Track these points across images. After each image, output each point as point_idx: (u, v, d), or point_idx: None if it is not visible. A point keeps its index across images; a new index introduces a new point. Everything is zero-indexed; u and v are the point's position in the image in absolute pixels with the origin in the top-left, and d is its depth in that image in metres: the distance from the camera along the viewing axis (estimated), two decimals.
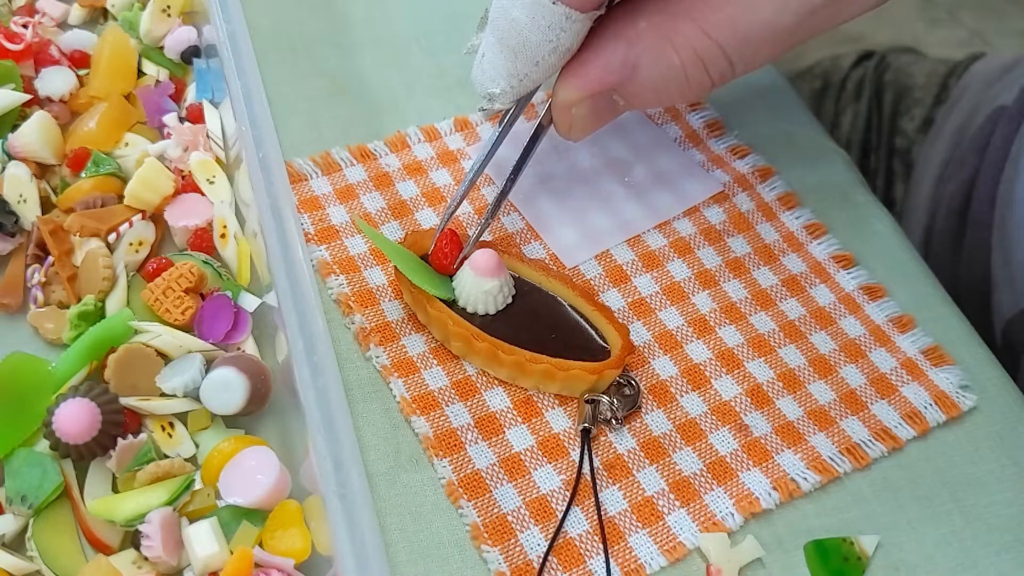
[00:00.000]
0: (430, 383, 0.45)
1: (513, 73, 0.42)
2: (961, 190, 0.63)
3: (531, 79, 0.42)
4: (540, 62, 0.41)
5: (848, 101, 0.77)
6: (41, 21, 0.56)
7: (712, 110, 0.58)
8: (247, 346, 0.45)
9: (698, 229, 0.52)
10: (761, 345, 0.48)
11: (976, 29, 1.59)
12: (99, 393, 0.41)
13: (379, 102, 0.57)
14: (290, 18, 0.60)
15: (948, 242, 0.64)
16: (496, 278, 0.45)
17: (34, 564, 0.39)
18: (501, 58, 0.42)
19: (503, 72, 0.42)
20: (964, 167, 0.64)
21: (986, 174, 0.61)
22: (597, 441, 0.44)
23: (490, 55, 0.42)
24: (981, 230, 0.60)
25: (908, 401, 0.47)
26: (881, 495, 0.44)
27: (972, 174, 0.63)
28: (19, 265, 0.47)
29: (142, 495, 0.39)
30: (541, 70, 0.42)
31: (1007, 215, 0.58)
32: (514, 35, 0.41)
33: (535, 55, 0.41)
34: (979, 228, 0.61)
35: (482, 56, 0.43)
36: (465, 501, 0.42)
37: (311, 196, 0.51)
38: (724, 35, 0.41)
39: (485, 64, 0.43)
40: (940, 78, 0.73)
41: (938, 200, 0.66)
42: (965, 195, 0.63)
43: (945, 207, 0.65)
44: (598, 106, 0.44)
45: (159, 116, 0.52)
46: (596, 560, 0.41)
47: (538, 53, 0.41)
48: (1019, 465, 0.45)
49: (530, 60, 0.41)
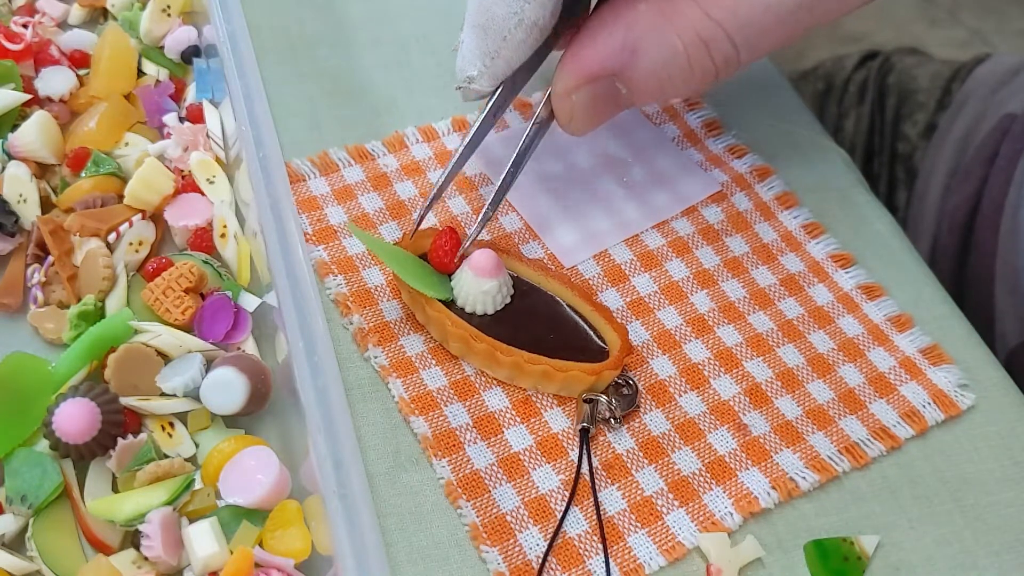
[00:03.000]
0: (429, 383, 0.45)
1: (485, 51, 0.42)
2: (965, 204, 0.63)
3: (503, 57, 0.42)
4: (508, 37, 0.41)
5: (851, 104, 0.77)
6: (41, 21, 0.56)
7: (710, 109, 0.58)
8: (247, 346, 0.45)
9: (696, 229, 0.52)
10: (759, 344, 0.48)
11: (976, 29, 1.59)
12: (99, 393, 0.41)
13: (379, 102, 0.57)
14: (290, 18, 0.60)
15: (952, 258, 0.64)
16: (495, 278, 0.45)
17: (34, 564, 0.39)
18: (473, 38, 0.42)
19: (477, 52, 0.42)
20: (969, 179, 0.63)
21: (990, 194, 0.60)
22: (596, 441, 0.44)
23: (466, 40, 0.43)
24: (984, 257, 0.60)
25: (907, 400, 0.47)
26: (880, 495, 0.44)
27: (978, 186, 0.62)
28: (19, 265, 0.47)
29: (142, 495, 0.39)
30: (510, 46, 0.41)
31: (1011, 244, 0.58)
32: (482, 12, 0.41)
33: (502, 29, 0.41)
34: (982, 255, 0.60)
35: (461, 43, 0.43)
36: (464, 501, 0.42)
37: (309, 196, 0.51)
38: (727, 17, 0.40)
39: (463, 49, 0.43)
40: (943, 81, 0.72)
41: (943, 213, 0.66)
42: (969, 210, 0.63)
43: (948, 221, 0.64)
44: (598, 95, 0.43)
45: (159, 116, 0.52)
46: (595, 560, 0.41)
47: (504, 27, 0.41)
48: (1019, 465, 0.45)
49: (498, 35, 0.41)
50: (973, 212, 0.62)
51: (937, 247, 0.66)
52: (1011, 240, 0.58)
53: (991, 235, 0.60)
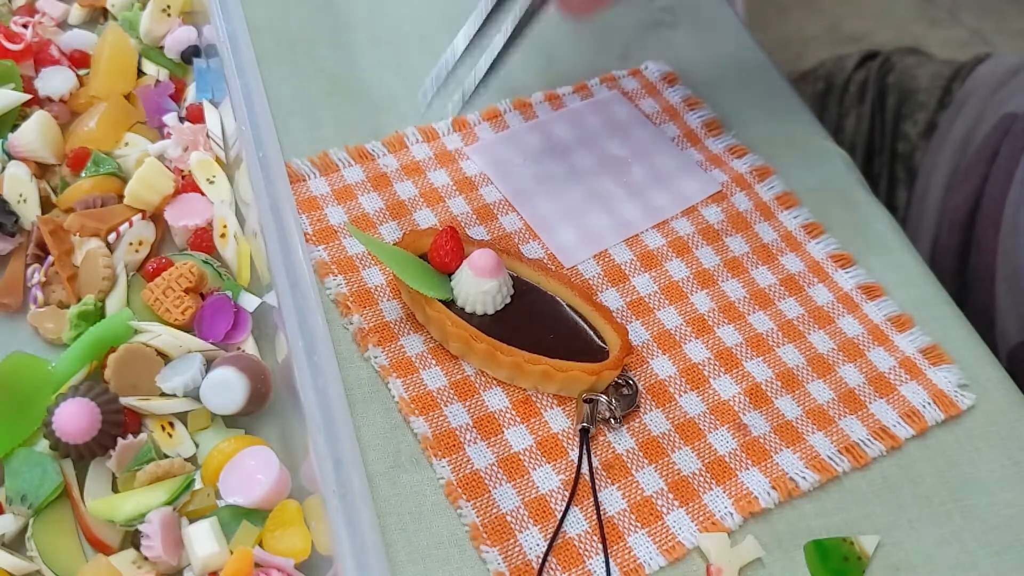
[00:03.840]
0: (429, 383, 0.45)
1: None
2: (966, 203, 0.63)
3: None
4: None
5: (851, 104, 0.77)
6: (41, 21, 0.56)
7: (710, 109, 0.58)
8: (247, 346, 0.45)
9: (696, 229, 0.52)
10: (759, 344, 0.48)
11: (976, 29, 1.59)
12: (99, 393, 0.41)
13: (379, 102, 0.57)
14: (290, 18, 0.60)
15: (953, 257, 0.64)
16: (495, 278, 0.45)
17: (34, 564, 0.39)
18: None
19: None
20: (970, 179, 0.63)
21: (991, 193, 0.60)
22: (596, 441, 0.44)
23: None
24: (985, 255, 0.60)
25: (907, 400, 0.47)
26: (881, 495, 0.44)
27: (978, 185, 0.62)
28: (19, 265, 0.47)
29: (142, 495, 0.39)
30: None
31: (1012, 242, 0.58)
32: None
33: None
34: (983, 253, 0.60)
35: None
36: (464, 501, 0.42)
37: (309, 196, 0.51)
38: None
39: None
40: (944, 81, 0.72)
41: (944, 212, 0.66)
42: (970, 209, 0.63)
43: (949, 220, 0.64)
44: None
45: (159, 116, 0.52)
46: (595, 560, 0.41)
47: None
48: (1019, 465, 0.45)
49: None
50: (974, 211, 0.62)
51: (938, 246, 0.66)
52: (1012, 238, 0.58)
53: (992, 233, 0.60)
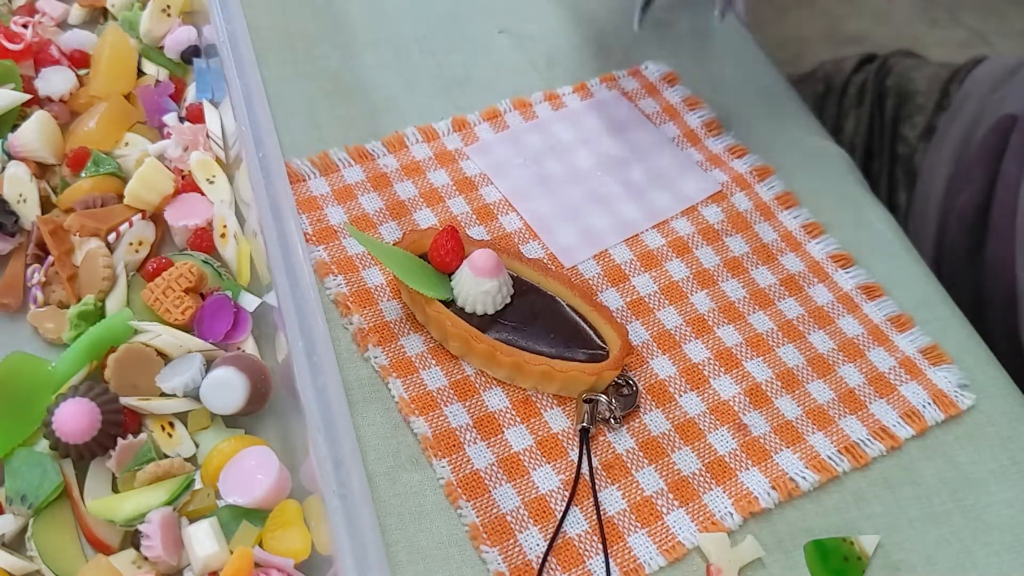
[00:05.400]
0: (429, 383, 0.45)
1: None
2: (972, 202, 0.63)
3: None
4: None
5: (850, 106, 0.77)
6: (41, 21, 0.56)
7: (710, 109, 0.58)
8: (247, 346, 0.45)
9: (696, 229, 0.52)
10: (759, 344, 0.48)
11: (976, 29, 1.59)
12: (99, 393, 0.41)
13: (379, 102, 0.57)
14: (290, 18, 0.60)
15: (963, 255, 0.64)
16: (495, 278, 0.45)
17: (34, 564, 0.39)
18: None
19: None
20: (973, 178, 0.63)
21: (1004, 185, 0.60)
22: (596, 441, 0.44)
23: None
24: (1003, 242, 0.60)
25: (907, 400, 0.47)
26: (881, 495, 0.44)
27: (985, 185, 0.62)
28: (19, 265, 0.47)
29: (142, 495, 0.39)
30: None
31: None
32: None
33: None
34: (1002, 241, 0.60)
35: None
36: (464, 501, 0.42)
37: (309, 197, 0.51)
38: None
39: None
40: (941, 83, 0.72)
41: (948, 212, 0.66)
42: (978, 207, 0.63)
43: (956, 219, 0.64)
44: None
45: (159, 116, 0.52)
46: (595, 560, 0.41)
47: None
48: (1019, 465, 0.45)
49: None
50: (981, 207, 0.62)
51: (944, 244, 0.66)
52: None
53: (1009, 220, 0.59)
